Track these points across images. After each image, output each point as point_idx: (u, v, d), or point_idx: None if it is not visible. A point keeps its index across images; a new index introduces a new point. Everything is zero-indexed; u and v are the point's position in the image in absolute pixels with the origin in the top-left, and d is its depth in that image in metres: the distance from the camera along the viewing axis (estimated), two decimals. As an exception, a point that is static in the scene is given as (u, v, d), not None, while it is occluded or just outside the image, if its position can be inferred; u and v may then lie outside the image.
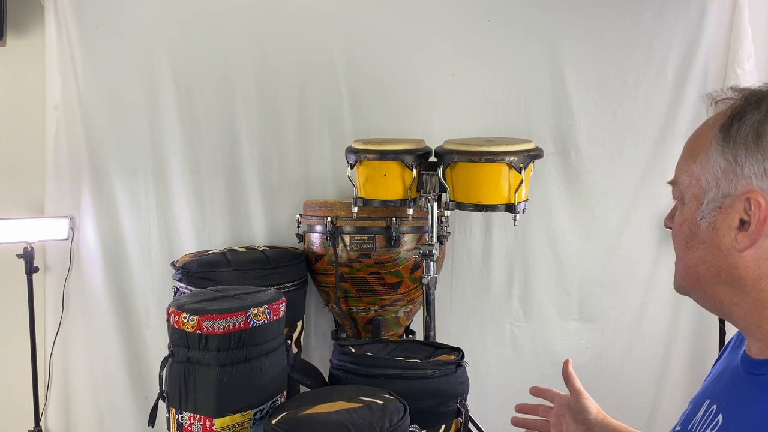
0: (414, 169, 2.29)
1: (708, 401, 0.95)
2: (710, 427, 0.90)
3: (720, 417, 0.88)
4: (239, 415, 1.66)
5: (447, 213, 2.36)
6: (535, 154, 2.24)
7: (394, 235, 2.43)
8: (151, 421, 1.76)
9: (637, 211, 2.89)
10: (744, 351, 0.93)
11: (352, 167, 2.38)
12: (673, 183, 0.94)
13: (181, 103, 2.77)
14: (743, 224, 0.83)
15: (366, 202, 2.36)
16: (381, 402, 1.59)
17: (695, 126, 2.96)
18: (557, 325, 2.95)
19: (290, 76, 2.80)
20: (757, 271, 0.83)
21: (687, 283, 0.92)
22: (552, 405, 1.39)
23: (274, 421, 1.51)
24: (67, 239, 2.73)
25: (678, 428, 1.03)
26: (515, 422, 1.44)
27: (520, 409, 1.45)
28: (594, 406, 1.31)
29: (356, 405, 1.56)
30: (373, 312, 2.54)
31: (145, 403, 2.76)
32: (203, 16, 2.76)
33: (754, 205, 0.81)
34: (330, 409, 1.54)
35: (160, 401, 1.75)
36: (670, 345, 2.93)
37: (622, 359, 2.95)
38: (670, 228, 0.96)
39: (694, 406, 1.01)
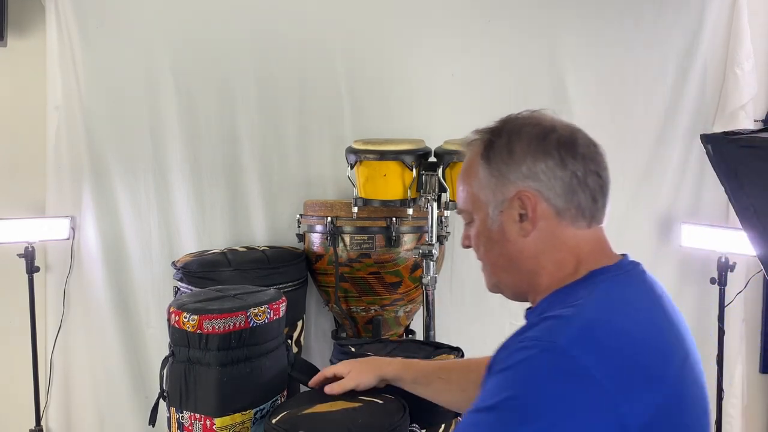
0: (414, 170, 2.29)
1: None
2: None
3: None
4: (240, 414, 1.66)
5: (447, 213, 2.37)
6: (534, 155, 2.24)
7: (394, 235, 2.44)
8: (152, 420, 1.77)
9: (637, 211, 2.90)
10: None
11: (352, 167, 2.38)
12: (460, 212, 1.21)
13: (182, 103, 2.78)
14: (521, 217, 1.09)
15: (366, 202, 2.36)
16: (381, 401, 1.60)
17: (695, 126, 2.97)
18: (557, 324, 2.95)
19: (290, 76, 2.81)
20: (536, 249, 1.10)
21: (495, 277, 1.18)
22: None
23: (274, 421, 1.51)
24: (68, 239, 2.74)
25: None
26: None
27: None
28: (379, 376, 1.51)
29: (356, 404, 1.56)
30: (373, 312, 2.55)
31: (146, 403, 2.77)
32: (204, 17, 2.77)
33: (525, 197, 1.08)
34: (330, 408, 1.54)
35: (161, 401, 1.76)
36: (669, 344, 2.94)
37: (621, 359, 2.96)
38: (469, 246, 1.21)
39: None
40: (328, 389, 1.51)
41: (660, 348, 0.99)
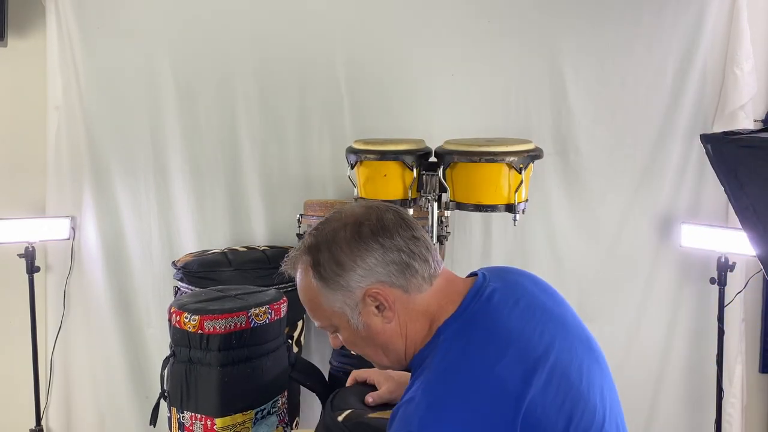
0: (414, 170, 2.29)
1: None
2: None
3: None
4: (240, 414, 1.66)
5: (447, 213, 2.37)
6: (535, 155, 2.24)
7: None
8: (153, 420, 1.77)
9: (636, 211, 2.90)
10: None
11: (352, 167, 2.38)
12: (322, 328, 1.26)
13: (182, 104, 2.78)
14: (379, 309, 1.16)
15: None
16: None
17: (695, 126, 2.95)
18: (556, 324, 2.95)
19: (291, 77, 2.81)
20: (400, 328, 1.18)
21: (380, 363, 1.25)
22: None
23: (341, 418, 1.46)
24: (68, 239, 2.74)
25: None
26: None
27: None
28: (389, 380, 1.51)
29: None
30: (373, 312, 2.54)
31: (146, 403, 2.77)
32: (204, 17, 2.77)
33: (375, 293, 1.15)
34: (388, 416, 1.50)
35: (162, 401, 1.76)
36: (668, 345, 2.94)
37: (620, 359, 2.95)
38: (345, 348, 1.28)
39: None
40: (367, 399, 1.51)
41: (502, 386, 1.05)
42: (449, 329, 1.15)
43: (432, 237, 2.31)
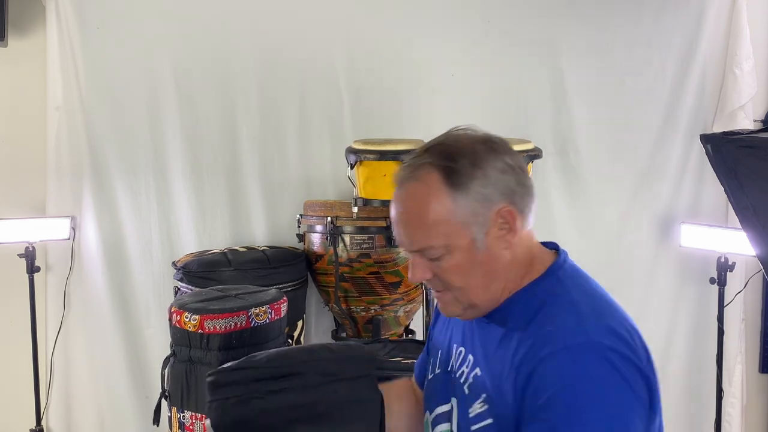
0: (414, 170, 2.29)
1: (455, 345, 1.19)
2: (465, 364, 1.13)
3: (470, 357, 1.13)
4: (240, 414, 1.66)
5: (447, 213, 2.37)
6: (533, 155, 2.25)
7: (393, 234, 2.43)
8: (156, 420, 1.77)
9: (636, 211, 2.90)
10: None
11: (352, 167, 2.39)
12: (420, 251, 1.09)
13: (182, 104, 2.78)
14: (504, 231, 1.06)
15: (366, 202, 2.37)
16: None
17: (695, 126, 2.95)
18: (556, 324, 2.95)
19: (291, 77, 2.81)
20: (511, 257, 1.08)
21: (475, 299, 1.09)
22: None
23: (232, 365, 1.17)
24: (69, 239, 2.74)
25: (438, 371, 1.21)
26: None
27: None
28: None
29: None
30: (373, 311, 2.55)
31: (146, 403, 2.77)
32: (204, 17, 2.77)
33: (507, 213, 1.05)
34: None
35: (163, 400, 1.76)
36: (669, 344, 2.94)
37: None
38: (429, 279, 1.11)
39: (444, 350, 1.22)
40: None
41: (631, 320, 1.07)
42: (561, 270, 1.11)
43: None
